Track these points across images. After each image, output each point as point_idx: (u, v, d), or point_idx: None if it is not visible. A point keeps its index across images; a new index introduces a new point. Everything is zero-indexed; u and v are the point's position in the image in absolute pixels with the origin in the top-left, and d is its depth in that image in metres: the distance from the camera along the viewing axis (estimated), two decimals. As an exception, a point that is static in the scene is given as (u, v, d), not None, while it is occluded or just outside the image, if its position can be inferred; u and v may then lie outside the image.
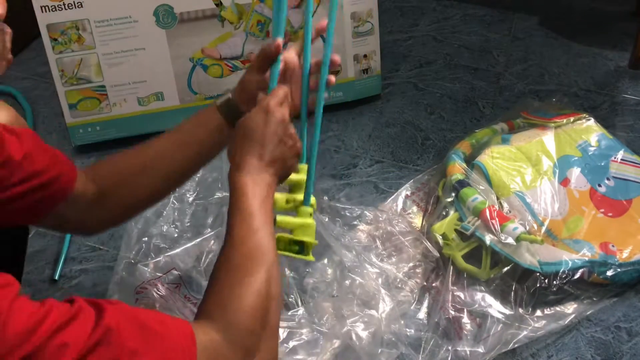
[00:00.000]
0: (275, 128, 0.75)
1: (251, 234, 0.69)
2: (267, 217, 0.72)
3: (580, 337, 1.09)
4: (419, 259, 1.19)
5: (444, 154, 1.40)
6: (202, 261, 1.17)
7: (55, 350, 0.48)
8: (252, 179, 0.74)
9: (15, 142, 0.69)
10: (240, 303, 0.63)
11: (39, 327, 0.48)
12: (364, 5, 1.49)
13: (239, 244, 0.68)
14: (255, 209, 0.71)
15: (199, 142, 0.87)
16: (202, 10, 1.41)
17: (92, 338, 0.50)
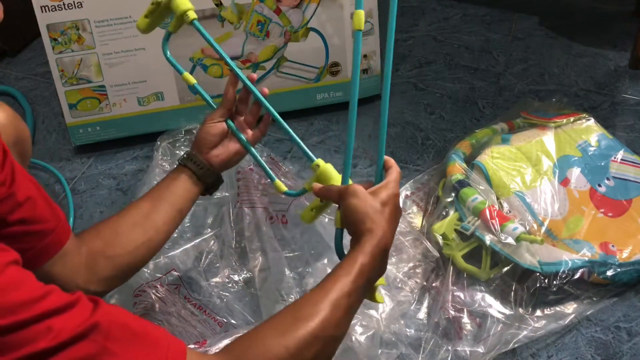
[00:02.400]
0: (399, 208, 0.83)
1: (336, 295, 0.67)
2: (362, 295, 0.73)
3: (580, 337, 1.09)
4: (419, 259, 1.19)
5: (444, 154, 1.40)
6: (201, 261, 1.17)
7: (39, 332, 0.48)
8: (382, 255, 0.76)
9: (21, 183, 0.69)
10: (269, 352, 0.60)
11: (35, 304, 0.48)
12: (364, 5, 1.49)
13: (321, 298, 0.67)
14: (362, 282, 0.71)
15: (174, 194, 0.94)
16: (202, 10, 1.41)
17: (76, 330, 0.50)
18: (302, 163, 1.46)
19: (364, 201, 0.78)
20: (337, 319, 0.66)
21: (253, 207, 1.22)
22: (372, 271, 0.74)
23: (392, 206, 0.80)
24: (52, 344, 0.48)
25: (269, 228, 1.20)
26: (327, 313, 0.65)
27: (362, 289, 0.72)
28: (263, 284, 1.14)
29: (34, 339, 0.47)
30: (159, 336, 0.56)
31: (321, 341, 0.64)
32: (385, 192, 0.80)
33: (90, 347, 0.50)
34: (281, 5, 1.44)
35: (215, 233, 1.22)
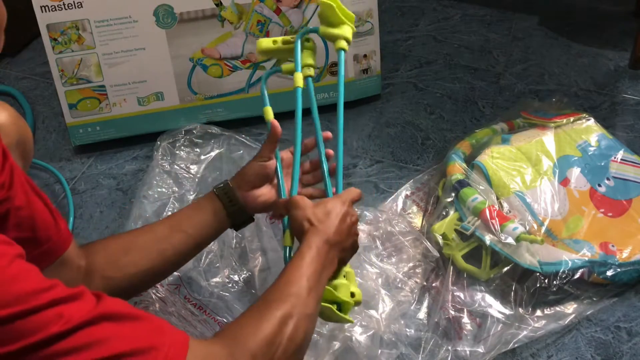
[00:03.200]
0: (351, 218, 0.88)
1: (295, 282, 0.75)
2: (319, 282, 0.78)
3: (580, 337, 1.09)
4: (419, 259, 1.19)
5: (444, 154, 1.40)
6: (201, 261, 1.17)
7: (50, 318, 0.50)
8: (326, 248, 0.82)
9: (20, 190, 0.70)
10: (256, 331, 0.66)
11: (43, 293, 0.50)
12: (364, 5, 1.49)
13: (282, 285, 0.75)
14: (312, 270, 0.78)
15: (194, 225, 0.93)
16: (202, 10, 1.41)
17: (86, 317, 0.52)
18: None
19: (305, 209, 0.85)
20: (304, 298, 0.73)
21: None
22: (319, 262, 0.80)
23: (339, 212, 0.86)
24: (64, 328, 0.50)
25: (269, 228, 1.20)
26: (293, 293, 0.73)
27: (317, 274, 0.78)
28: (263, 284, 1.14)
29: (46, 325, 0.49)
30: (162, 324, 0.59)
31: (296, 317, 0.70)
32: (331, 202, 0.87)
33: (99, 332, 0.52)
34: (281, 5, 1.44)
35: (215, 233, 1.22)
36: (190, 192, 1.31)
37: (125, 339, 0.54)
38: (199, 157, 1.38)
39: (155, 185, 1.31)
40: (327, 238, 0.82)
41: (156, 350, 0.55)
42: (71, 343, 0.51)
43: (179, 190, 1.30)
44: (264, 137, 1.52)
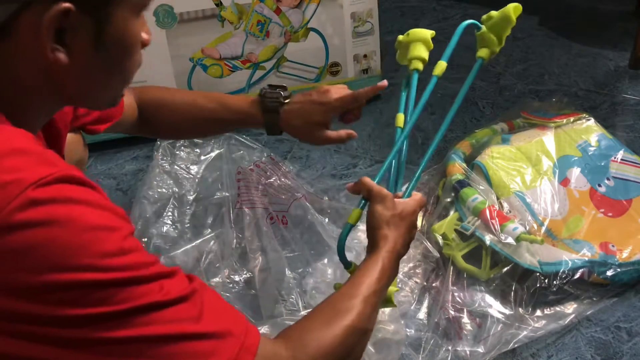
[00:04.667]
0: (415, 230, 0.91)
1: (365, 295, 0.75)
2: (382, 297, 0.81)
3: (580, 337, 1.09)
4: (419, 259, 1.19)
5: (444, 154, 1.40)
6: (201, 262, 1.17)
7: (154, 288, 0.56)
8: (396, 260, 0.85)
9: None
10: (320, 338, 0.68)
11: (150, 266, 0.57)
12: (364, 5, 1.49)
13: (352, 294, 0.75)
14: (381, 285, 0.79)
15: (228, 120, 1.05)
16: (202, 10, 1.41)
17: (181, 293, 0.57)
18: (302, 163, 1.46)
19: (388, 209, 0.86)
20: (369, 314, 0.74)
21: (253, 207, 1.23)
22: (389, 273, 0.82)
23: (409, 222, 0.88)
24: (164, 299, 0.56)
25: (269, 228, 1.20)
26: (361, 308, 0.73)
27: (383, 289, 0.81)
28: (263, 284, 1.14)
29: (150, 293, 0.55)
30: (241, 315, 0.64)
31: (359, 332, 0.72)
32: (407, 207, 0.89)
33: (191, 308, 0.58)
34: (281, 5, 1.44)
35: (215, 233, 1.22)
36: (190, 192, 1.30)
37: (211, 318, 0.59)
38: (199, 158, 1.38)
39: (156, 186, 1.31)
40: (398, 250, 0.85)
41: (235, 337, 0.60)
42: (169, 313, 0.56)
43: (179, 190, 1.30)
44: (264, 137, 1.52)
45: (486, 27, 1.04)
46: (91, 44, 0.59)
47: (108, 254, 0.54)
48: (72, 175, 0.55)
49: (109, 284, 0.53)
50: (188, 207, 1.28)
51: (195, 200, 1.30)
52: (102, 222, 0.55)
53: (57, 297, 0.52)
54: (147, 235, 1.21)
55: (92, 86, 0.65)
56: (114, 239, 0.55)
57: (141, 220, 1.23)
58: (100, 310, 0.53)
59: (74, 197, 0.54)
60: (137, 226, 1.22)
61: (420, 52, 1.05)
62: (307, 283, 1.14)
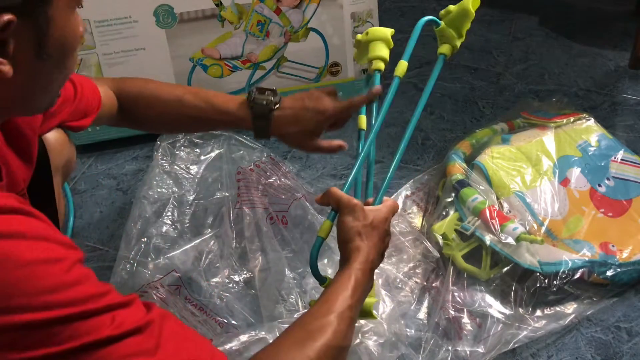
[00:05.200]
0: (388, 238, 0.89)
1: (338, 311, 0.72)
2: (357, 310, 0.78)
3: (580, 337, 1.09)
4: (419, 259, 1.19)
5: (444, 154, 1.40)
6: (201, 262, 1.17)
7: (104, 321, 0.53)
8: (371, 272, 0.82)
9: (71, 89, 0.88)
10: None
11: (100, 298, 0.53)
12: (364, 5, 1.49)
13: (324, 312, 0.72)
14: (355, 299, 0.76)
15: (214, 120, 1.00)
16: (202, 10, 1.41)
17: (136, 324, 0.54)
18: (303, 163, 1.46)
19: (358, 219, 0.83)
20: (344, 331, 0.71)
21: (253, 207, 1.23)
22: (363, 286, 0.79)
23: (382, 230, 0.85)
24: (115, 332, 0.52)
25: (269, 228, 1.20)
26: (335, 325, 0.70)
27: (358, 303, 0.78)
28: (263, 284, 1.14)
29: (99, 327, 0.52)
30: (205, 341, 0.61)
31: (334, 350, 0.69)
32: (378, 215, 0.86)
33: (146, 340, 0.54)
34: (281, 5, 1.44)
35: (215, 233, 1.22)
36: (190, 192, 1.30)
37: (170, 350, 0.56)
38: (199, 158, 1.38)
39: (155, 186, 1.31)
40: (371, 261, 0.82)
41: None
42: (121, 348, 0.53)
43: (179, 190, 1.30)
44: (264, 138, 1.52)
45: (445, 23, 1.01)
46: (34, 51, 0.56)
47: (47, 289, 0.50)
48: (4, 206, 0.51)
49: (50, 322, 0.50)
50: (188, 207, 1.28)
51: (195, 200, 1.30)
52: (40, 256, 0.51)
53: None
54: (147, 235, 1.21)
55: (36, 92, 0.61)
56: (54, 272, 0.51)
57: (141, 220, 1.23)
58: (41, 353, 0.49)
59: (6, 231, 0.50)
60: (137, 226, 1.22)
61: (381, 52, 1.01)
62: (307, 283, 1.14)
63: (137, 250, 1.18)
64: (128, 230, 1.21)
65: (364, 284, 0.79)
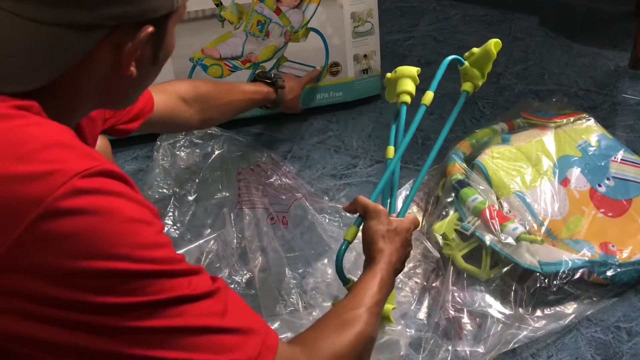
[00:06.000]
0: (410, 247, 0.97)
1: (368, 305, 0.79)
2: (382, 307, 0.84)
3: (580, 337, 1.09)
4: (419, 259, 1.19)
5: (444, 154, 1.40)
6: (202, 262, 1.17)
7: (183, 282, 0.58)
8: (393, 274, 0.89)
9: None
10: (333, 344, 0.71)
11: (180, 262, 0.59)
12: (364, 5, 1.49)
13: (356, 305, 0.78)
14: (382, 295, 0.83)
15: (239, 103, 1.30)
16: (202, 10, 1.41)
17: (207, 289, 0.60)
18: (303, 162, 1.46)
19: (383, 224, 0.91)
20: (374, 323, 0.78)
21: (253, 207, 1.23)
22: (388, 285, 0.85)
23: (404, 237, 0.93)
24: (193, 292, 0.58)
25: (270, 228, 1.20)
26: (366, 317, 0.76)
27: (383, 300, 0.84)
28: (263, 284, 1.14)
29: (179, 286, 0.57)
30: (260, 317, 0.66)
31: (367, 339, 0.75)
32: (402, 224, 0.94)
33: (216, 304, 0.60)
34: (281, 5, 1.44)
35: (215, 233, 1.22)
36: (190, 192, 1.31)
37: (235, 316, 0.61)
38: (200, 158, 1.38)
39: (156, 186, 1.31)
40: (394, 263, 0.88)
41: (257, 335, 0.62)
42: (196, 307, 0.58)
43: (179, 190, 1.30)
44: (263, 137, 1.52)
45: (469, 63, 1.11)
46: (152, 57, 0.66)
47: (144, 245, 0.56)
48: (113, 170, 0.57)
49: (143, 274, 0.55)
50: (188, 207, 1.28)
51: (196, 200, 1.30)
52: (140, 216, 0.57)
53: (93, 284, 0.53)
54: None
55: (137, 91, 0.72)
56: (150, 232, 0.57)
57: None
58: (133, 300, 0.54)
59: (115, 189, 0.56)
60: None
61: (408, 87, 1.12)
62: (308, 283, 1.14)
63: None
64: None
65: (388, 283, 0.85)
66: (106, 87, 0.65)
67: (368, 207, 0.93)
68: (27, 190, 0.52)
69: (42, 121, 0.58)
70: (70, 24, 0.58)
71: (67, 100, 0.63)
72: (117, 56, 0.62)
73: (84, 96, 0.64)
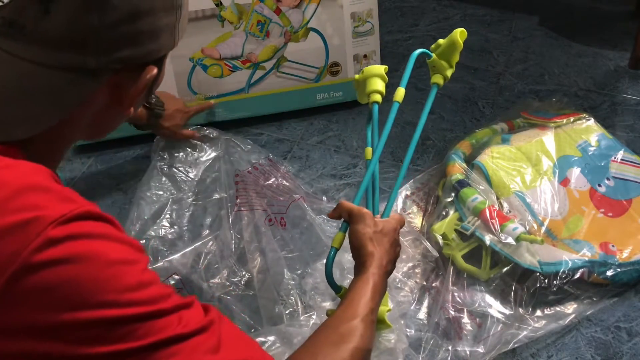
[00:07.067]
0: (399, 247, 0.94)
1: (362, 314, 0.77)
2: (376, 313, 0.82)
3: (580, 337, 1.09)
4: (419, 259, 1.19)
5: (444, 154, 1.40)
6: (200, 263, 1.17)
7: (173, 320, 0.56)
8: (385, 277, 0.86)
9: None
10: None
11: (168, 298, 0.57)
12: (364, 5, 1.49)
13: (350, 317, 0.76)
14: (375, 302, 0.80)
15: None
16: (202, 10, 1.41)
17: (200, 324, 0.58)
18: (302, 163, 1.46)
19: (369, 226, 0.88)
20: (369, 334, 0.76)
21: (252, 209, 1.22)
22: (380, 291, 0.83)
23: (392, 238, 0.90)
24: (184, 331, 0.56)
25: (268, 229, 1.20)
26: (362, 329, 0.74)
27: (377, 306, 0.82)
28: (262, 285, 1.14)
29: (170, 325, 0.55)
30: (254, 342, 0.65)
31: (364, 353, 0.73)
32: (387, 225, 0.91)
33: (210, 339, 0.58)
34: (281, 5, 1.44)
35: (213, 235, 1.22)
36: (188, 194, 1.30)
37: (229, 348, 0.59)
38: (197, 159, 1.38)
39: (154, 187, 1.30)
40: (385, 266, 0.86)
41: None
42: (189, 345, 0.56)
43: (177, 192, 1.30)
44: (263, 137, 1.52)
45: (436, 55, 1.08)
46: (148, 93, 0.66)
47: (129, 288, 0.54)
48: (90, 212, 0.55)
49: (132, 319, 0.53)
50: (186, 209, 1.28)
51: (194, 202, 1.29)
52: (122, 256, 0.55)
53: (81, 335, 0.51)
54: (146, 237, 1.20)
55: (120, 122, 0.70)
56: (134, 272, 0.55)
57: (139, 222, 1.23)
58: (124, 347, 0.53)
59: (95, 232, 0.54)
60: (135, 228, 1.22)
61: (377, 86, 1.10)
62: (306, 283, 1.14)
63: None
64: (126, 232, 1.20)
65: (381, 288, 0.83)
66: (96, 122, 0.63)
67: (352, 211, 0.90)
68: (1, 246, 0.50)
69: (12, 163, 0.55)
70: (80, 67, 0.56)
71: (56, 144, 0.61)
72: (117, 94, 0.61)
73: (74, 136, 0.63)
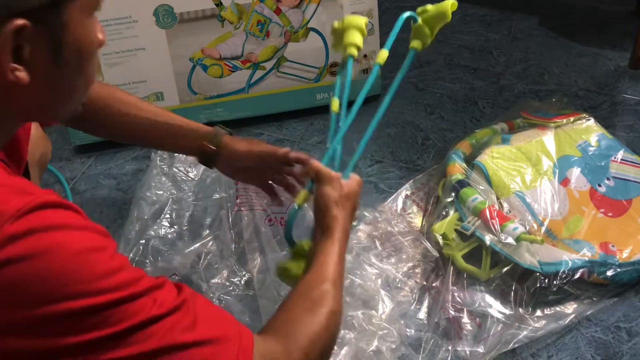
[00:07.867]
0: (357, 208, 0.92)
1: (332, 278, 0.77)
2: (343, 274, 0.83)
3: (580, 337, 1.09)
4: (419, 259, 1.19)
5: (444, 154, 1.40)
6: (200, 263, 1.17)
7: (147, 302, 0.56)
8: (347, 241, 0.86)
9: None
10: (307, 328, 0.69)
11: (140, 281, 0.56)
12: (364, 5, 1.49)
13: (321, 281, 0.76)
14: (342, 265, 0.81)
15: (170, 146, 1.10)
16: (202, 10, 1.41)
17: (175, 302, 0.58)
18: (302, 163, 1.46)
19: (336, 190, 0.87)
20: (339, 296, 0.76)
21: (252, 209, 1.22)
22: (343, 256, 0.83)
23: (354, 202, 0.90)
24: (159, 312, 0.56)
25: (268, 229, 1.19)
26: (333, 292, 0.75)
27: (344, 269, 0.82)
28: (262, 285, 1.14)
29: (144, 308, 0.55)
30: (231, 317, 0.65)
31: (337, 314, 0.74)
32: (351, 188, 0.90)
33: (185, 317, 0.58)
34: (281, 5, 1.44)
35: (213, 235, 1.22)
36: (188, 194, 1.30)
37: (205, 325, 0.59)
38: (198, 159, 1.37)
39: (154, 187, 1.30)
40: (347, 229, 0.86)
41: (231, 341, 0.60)
42: (164, 325, 0.56)
43: (177, 192, 1.30)
44: (263, 137, 1.52)
45: (422, 20, 1.02)
46: (51, 57, 0.56)
47: (99, 275, 0.53)
48: (49, 201, 0.53)
49: (104, 306, 0.53)
50: (186, 209, 1.28)
51: (194, 201, 1.29)
52: (87, 245, 0.54)
53: (55, 329, 0.51)
54: (146, 236, 1.20)
55: (56, 100, 0.62)
56: (103, 259, 0.54)
57: (139, 221, 1.23)
58: (99, 334, 0.53)
59: (56, 222, 0.53)
60: (135, 228, 1.22)
61: (354, 39, 1.04)
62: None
63: (135, 251, 1.18)
64: (126, 232, 1.21)
65: (344, 251, 0.84)
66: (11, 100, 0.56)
67: (321, 172, 0.89)
68: None
69: None
70: None
71: None
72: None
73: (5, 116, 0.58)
